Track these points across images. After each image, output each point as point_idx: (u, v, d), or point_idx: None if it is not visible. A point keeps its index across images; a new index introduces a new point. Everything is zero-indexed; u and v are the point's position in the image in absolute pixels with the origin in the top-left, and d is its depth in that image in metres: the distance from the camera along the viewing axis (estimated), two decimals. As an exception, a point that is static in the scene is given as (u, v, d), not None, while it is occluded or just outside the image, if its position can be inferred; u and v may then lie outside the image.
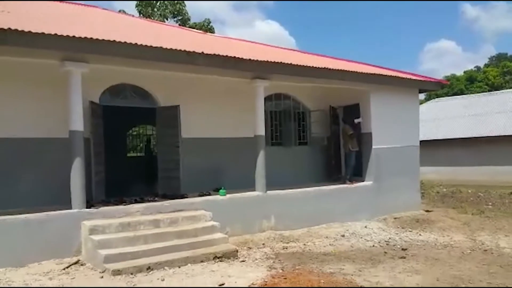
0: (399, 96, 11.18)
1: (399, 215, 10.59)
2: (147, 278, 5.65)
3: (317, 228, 9.07)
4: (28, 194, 7.25)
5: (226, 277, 5.66)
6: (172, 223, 7.20)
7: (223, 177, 9.34)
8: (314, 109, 11.75)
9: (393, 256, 6.89)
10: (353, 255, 6.96)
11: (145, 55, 7.16)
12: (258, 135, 8.92)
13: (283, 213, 8.85)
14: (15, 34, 5.92)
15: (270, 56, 9.17)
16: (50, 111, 7.62)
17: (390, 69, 11.82)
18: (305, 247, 7.56)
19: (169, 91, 9.22)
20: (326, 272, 5.93)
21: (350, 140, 10.55)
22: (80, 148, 6.94)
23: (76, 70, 6.93)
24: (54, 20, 8.20)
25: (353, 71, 9.97)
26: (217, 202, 8.19)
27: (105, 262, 5.91)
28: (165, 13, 25.12)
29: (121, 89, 8.83)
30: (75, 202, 6.81)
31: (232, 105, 9.91)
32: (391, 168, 10.83)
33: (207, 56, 7.70)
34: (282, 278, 5.61)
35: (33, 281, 5.52)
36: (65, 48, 6.49)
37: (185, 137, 9.05)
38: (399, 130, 11.14)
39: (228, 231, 7.75)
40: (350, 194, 10.13)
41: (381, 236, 8.45)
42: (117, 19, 11.87)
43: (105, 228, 6.62)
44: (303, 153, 11.45)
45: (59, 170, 7.14)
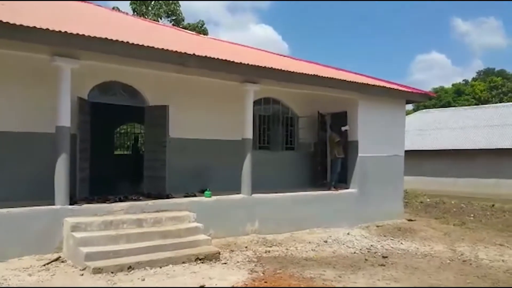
0: (386, 106, 11.34)
1: (382, 223, 10.72)
2: (128, 277, 5.64)
3: (300, 233, 9.14)
4: (12, 188, 7.16)
5: (207, 279, 5.68)
6: (156, 223, 7.19)
7: (209, 178, 9.35)
8: (302, 115, 11.85)
9: (373, 264, 6.98)
10: (334, 261, 7.03)
11: (136, 53, 7.17)
12: (246, 138, 8.98)
13: (267, 217, 8.90)
14: (6, 27, 5.88)
15: (261, 61, 9.25)
16: (37, 105, 7.56)
17: (378, 79, 11.99)
18: (287, 251, 7.62)
19: (158, 91, 9.22)
20: (306, 277, 5.99)
21: (337, 147, 10.65)
22: (66, 144, 6.91)
23: (66, 66, 6.92)
24: (46, 15, 8.15)
25: (341, 79, 10.08)
26: (202, 203, 8.21)
27: (86, 260, 5.88)
28: (159, 12, 25.11)
29: (110, 86, 8.79)
30: (58, 198, 6.77)
31: (221, 107, 9.95)
32: (375, 177, 10.96)
33: (198, 58, 7.74)
34: (262, 281, 5.66)
35: (12, 276, 5.48)
36: (56, 43, 6.49)
37: (172, 137, 9.05)
38: (385, 139, 11.29)
39: (211, 233, 7.76)
40: (334, 201, 10.22)
41: (363, 243, 8.54)
42: (109, 16, 11.83)
43: (87, 226, 6.58)
44: (289, 158, 11.53)
45: (44, 165, 7.10)
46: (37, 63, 7.12)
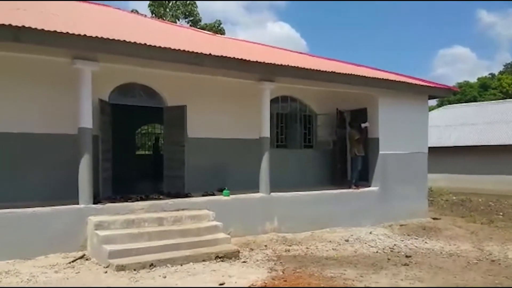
0: (408, 101, 11.12)
1: (405, 222, 10.52)
2: (150, 275, 5.72)
3: (321, 232, 9.06)
4: (37, 188, 7.39)
5: (227, 277, 5.70)
6: (176, 222, 7.27)
7: (227, 177, 9.40)
8: (320, 112, 11.75)
9: (396, 263, 6.84)
10: (355, 261, 6.94)
11: (154, 55, 7.25)
12: (263, 137, 8.96)
13: (286, 216, 8.87)
14: (28, 31, 6.06)
15: (278, 59, 9.20)
16: (60, 107, 7.75)
17: (400, 74, 11.77)
18: (307, 250, 7.56)
19: (176, 91, 9.31)
20: (326, 276, 5.93)
21: (357, 145, 10.52)
22: (88, 145, 7.05)
23: (86, 69, 7.05)
24: (66, 19, 8.34)
25: (361, 76, 9.94)
26: (221, 202, 8.24)
27: (110, 258, 6.00)
28: (177, 13, 25.36)
29: (130, 88, 8.94)
30: (82, 197, 6.93)
31: (238, 106, 9.96)
32: (398, 174, 10.78)
33: (214, 57, 7.78)
34: (282, 280, 5.64)
35: (40, 274, 5.63)
36: (76, 47, 6.63)
37: (191, 137, 9.13)
38: (407, 136, 11.08)
39: (230, 231, 7.79)
40: (355, 199, 10.10)
41: (386, 243, 8.40)
42: (128, 19, 12.02)
43: (110, 224, 6.71)
44: (308, 157, 11.45)
45: (68, 166, 7.28)
46: (59, 66, 7.29)
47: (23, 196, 6.99)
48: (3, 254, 6.11)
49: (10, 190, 7.18)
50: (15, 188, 7.29)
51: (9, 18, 6.25)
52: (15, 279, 5.40)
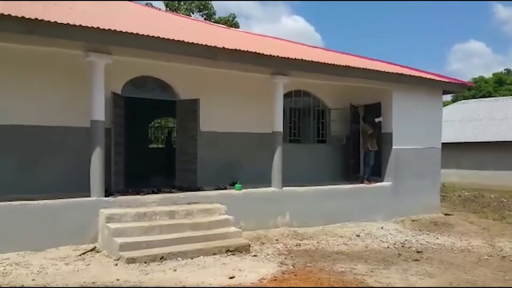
0: (422, 96, 10.99)
1: (417, 218, 10.43)
2: (160, 268, 5.75)
3: (332, 227, 9.03)
4: (49, 181, 7.48)
5: (237, 270, 5.71)
6: (187, 215, 7.30)
7: (239, 171, 9.40)
8: (334, 107, 11.66)
9: (407, 258, 6.80)
10: (366, 256, 6.91)
11: (167, 48, 7.26)
12: (276, 131, 8.92)
13: (298, 210, 8.84)
14: (41, 24, 6.09)
15: (291, 53, 9.13)
16: (73, 100, 7.81)
17: (414, 69, 11.60)
18: (318, 245, 7.54)
19: (189, 85, 9.31)
20: (337, 271, 5.91)
21: (370, 140, 10.43)
22: (100, 138, 7.10)
23: (99, 61, 7.08)
24: (80, 11, 8.38)
25: (375, 70, 9.82)
26: (233, 196, 8.25)
27: (120, 250, 6.04)
28: (191, 7, 25.34)
29: (143, 81, 8.97)
30: (94, 190, 6.99)
31: (251, 100, 9.93)
32: (411, 169, 10.67)
33: (228, 51, 7.74)
34: (292, 274, 5.63)
35: (50, 266, 5.70)
36: (90, 39, 6.66)
37: (203, 130, 9.14)
38: (420, 131, 10.95)
39: (242, 225, 7.80)
40: (367, 194, 10.03)
41: (397, 238, 8.34)
42: (142, 12, 12.02)
43: (121, 217, 6.76)
44: (321, 151, 11.39)
45: (80, 159, 7.35)
46: (72, 59, 7.34)
47: (37, 188, 7.08)
48: (14, 246, 6.19)
49: (24, 182, 7.29)
50: (29, 180, 7.38)
51: (22, 10, 6.29)
52: (24, 271, 5.46)
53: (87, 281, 5.17)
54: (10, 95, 7.44)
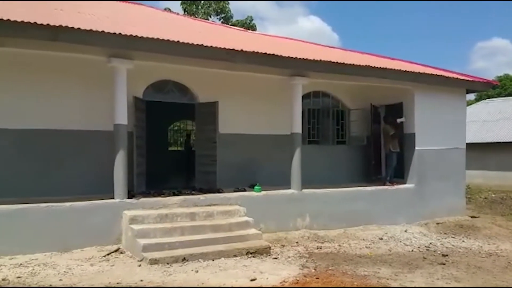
0: (445, 96, 10.77)
1: (442, 220, 10.21)
2: (182, 269, 5.80)
3: (354, 230, 8.92)
4: (73, 183, 7.64)
5: (258, 273, 5.69)
6: (208, 217, 7.34)
7: (258, 173, 9.40)
8: (354, 107, 11.55)
9: (432, 262, 6.66)
10: (390, 259, 6.79)
11: (186, 52, 7.33)
12: (295, 132, 8.89)
13: (318, 213, 8.77)
14: (65, 31, 6.25)
15: (309, 54, 9.09)
16: (96, 105, 7.97)
17: (437, 68, 11.39)
18: (340, 248, 7.46)
19: (208, 87, 9.38)
20: (360, 274, 5.83)
21: (391, 141, 10.28)
22: (123, 141, 7.23)
23: (121, 67, 7.21)
24: (102, 18, 8.55)
25: (396, 70, 9.68)
26: (252, 198, 8.24)
27: (143, 251, 6.12)
28: (209, 11, 25.54)
29: (163, 85, 9.09)
30: (117, 192, 7.11)
31: (270, 102, 9.93)
32: (434, 171, 10.47)
33: (246, 53, 7.77)
34: (314, 277, 5.58)
35: (76, 266, 5.81)
36: (112, 45, 6.80)
37: (222, 132, 9.19)
38: (444, 131, 10.73)
39: (262, 227, 7.80)
40: (390, 196, 9.88)
41: (421, 241, 8.19)
42: (162, 17, 12.18)
43: (144, 218, 6.85)
44: (341, 153, 11.29)
45: (103, 161, 7.48)
46: (95, 65, 7.49)
47: (60, 191, 7.24)
48: (41, 246, 6.34)
49: (49, 185, 7.45)
50: (53, 182, 7.55)
51: (48, 18, 6.46)
52: (52, 271, 5.58)
53: (112, 281, 5.24)
54: (36, 100, 7.64)
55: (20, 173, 7.44)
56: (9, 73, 7.45)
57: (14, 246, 6.19)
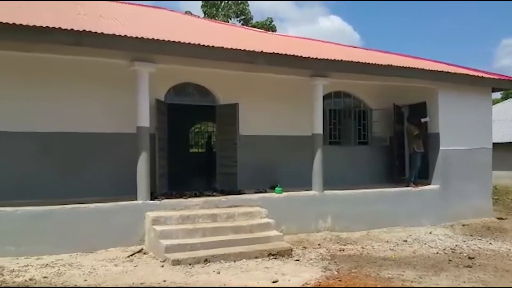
0: (470, 95, 10.53)
1: (468, 222, 9.96)
2: (204, 270, 5.82)
3: (377, 232, 8.79)
4: (98, 185, 7.77)
5: (280, 274, 5.66)
6: (229, 218, 7.36)
7: (279, 174, 9.36)
8: (376, 107, 11.39)
9: (458, 265, 6.49)
10: (414, 261, 6.65)
11: (207, 54, 7.39)
12: (316, 133, 8.82)
13: (340, 214, 8.68)
14: (89, 35, 6.39)
15: (330, 54, 9.03)
16: (119, 108, 8.10)
17: (461, 67, 11.15)
18: (363, 250, 7.36)
19: (229, 89, 9.42)
20: (384, 277, 5.73)
21: (415, 141, 10.08)
22: (146, 143, 7.33)
23: (143, 70, 7.32)
24: (124, 22, 8.69)
25: (419, 69, 9.53)
26: (273, 199, 8.22)
27: (166, 252, 6.18)
28: (229, 13, 25.70)
29: (184, 88, 9.18)
30: (140, 194, 7.20)
31: (290, 103, 9.89)
32: (460, 172, 10.24)
33: (266, 55, 7.77)
34: (337, 280, 5.52)
35: (100, 267, 5.91)
36: (134, 49, 6.91)
37: (243, 134, 9.20)
38: (469, 131, 10.48)
39: (283, 229, 7.77)
40: (414, 198, 9.70)
41: (447, 243, 7.99)
42: (182, 20, 12.31)
43: (166, 220, 6.92)
44: (363, 153, 11.14)
45: (126, 163, 7.59)
46: (118, 68, 7.62)
47: (83, 193, 7.39)
48: (66, 247, 6.49)
49: (75, 187, 7.63)
50: (79, 184, 7.72)
51: (72, 23, 6.61)
52: (77, 271, 5.69)
53: (135, 282, 5.31)
54: (61, 104, 7.82)
55: (46, 175, 7.62)
56: (36, 77, 7.65)
57: (40, 246, 6.35)
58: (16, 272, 5.59)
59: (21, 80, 7.56)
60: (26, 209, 6.40)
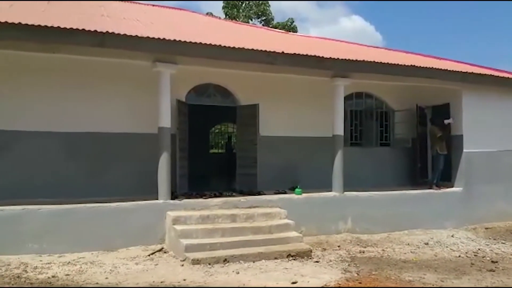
0: (495, 96, 10.29)
1: (491, 225, 9.73)
2: (223, 270, 5.85)
3: (398, 234, 8.67)
4: (120, 184, 7.88)
5: (299, 276, 5.65)
6: (248, 219, 7.38)
7: (299, 176, 9.33)
8: (398, 108, 11.24)
9: (480, 268, 6.35)
10: (435, 265, 6.54)
11: (228, 55, 7.43)
12: (337, 134, 8.76)
13: (361, 216, 8.60)
14: (112, 36, 6.52)
15: (352, 54, 8.96)
16: (141, 108, 8.22)
17: (485, 67, 10.90)
18: (383, 252, 7.27)
19: (249, 90, 9.44)
20: (404, 279, 5.66)
21: (439, 143, 9.92)
22: (167, 144, 7.41)
23: (165, 71, 7.40)
24: (147, 24, 8.85)
25: (443, 69, 9.37)
26: (293, 200, 8.20)
27: (186, 251, 6.24)
28: (250, 14, 25.80)
29: (205, 88, 9.25)
30: (161, 193, 7.29)
31: (311, 103, 9.85)
32: (484, 174, 10.03)
33: (287, 55, 7.77)
34: (357, 282, 5.47)
35: (121, 265, 6.01)
36: (157, 50, 7.01)
37: (263, 135, 9.20)
38: (494, 132, 10.25)
39: (302, 230, 7.74)
40: (436, 200, 9.53)
41: (469, 247, 7.83)
42: (204, 21, 12.43)
43: (186, 219, 6.99)
44: (385, 155, 10.99)
45: (147, 163, 7.69)
46: (140, 69, 7.74)
47: (105, 192, 7.48)
48: (89, 245, 6.60)
49: (97, 186, 7.75)
50: (101, 183, 7.83)
51: (95, 25, 6.76)
52: (98, 270, 5.79)
53: (156, 280, 5.38)
54: (84, 105, 7.98)
55: (69, 174, 7.78)
56: (60, 78, 7.83)
57: (62, 244, 6.48)
58: (39, 269, 5.73)
59: (47, 82, 7.76)
60: (49, 208, 6.57)
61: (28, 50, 6.78)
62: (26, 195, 7.02)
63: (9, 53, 6.94)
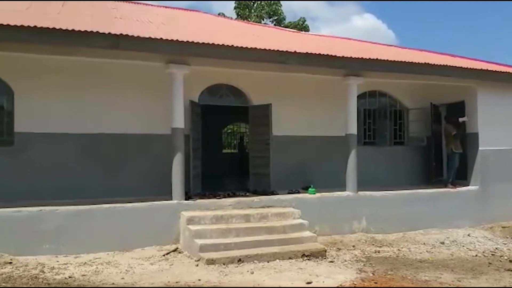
0: (510, 93, 10.13)
1: (509, 224, 9.57)
2: (238, 270, 5.87)
3: (414, 234, 8.59)
4: (134, 185, 7.95)
5: (314, 276, 5.64)
6: (262, 219, 7.38)
7: (312, 175, 9.30)
8: (412, 107, 11.12)
9: (498, 268, 6.27)
10: (452, 264, 6.48)
11: (241, 56, 7.46)
12: (350, 134, 8.72)
13: (375, 216, 8.53)
14: (125, 39, 6.58)
15: (364, 53, 8.89)
16: (154, 109, 8.28)
17: (500, 64, 10.72)
18: (399, 252, 7.22)
19: (261, 90, 9.42)
20: (421, 279, 5.61)
21: (453, 141, 9.80)
22: (180, 144, 7.47)
23: (178, 72, 7.46)
24: (160, 25, 8.91)
25: (457, 67, 9.24)
26: (306, 200, 8.18)
27: (201, 251, 6.27)
28: (262, 14, 25.82)
29: (217, 89, 9.28)
30: (175, 194, 7.35)
31: (324, 103, 9.80)
32: (500, 172, 9.88)
33: (299, 55, 7.75)
34: (372, 282, 5.45)
35: (137, 265, 6.06)
36: (170, 52, 7.06)
37: (276, 134, 9.18)
38: (509, 130, 10.12)
39: (316, 230, 7.72)
40: (452, 199, 9.41)
41: (486, 246, 7.74)
42: (216, 22, 12.47)
43: (200, 219, 7.03)
44: (399, 154, 10.89)
45: (161, 164, 7.76)
46: (153, 71, 7.80)
47: (121, 192, 7.56)
48: (104, 245, 6.68)
49: (112, 187, 7.81)
50: (116, 184, 7.90)
51: (109, 27, 6.83)
52: (114, 270, 5.85)
53: (171, 280, 5.42)
54: (98, 106, 8.07)
55: (84, 175, 7.87)
56: (75, 80, 7.93)
57: (79, 245, 6.57)
58: (56, 269, 5.80)
59: (64, 84, 7.85)
60: (66, 209, 6.65)
61: (43, 53, 6.90)
62: (43, 196, 7.13)
63: (25, 56, 7.06)
